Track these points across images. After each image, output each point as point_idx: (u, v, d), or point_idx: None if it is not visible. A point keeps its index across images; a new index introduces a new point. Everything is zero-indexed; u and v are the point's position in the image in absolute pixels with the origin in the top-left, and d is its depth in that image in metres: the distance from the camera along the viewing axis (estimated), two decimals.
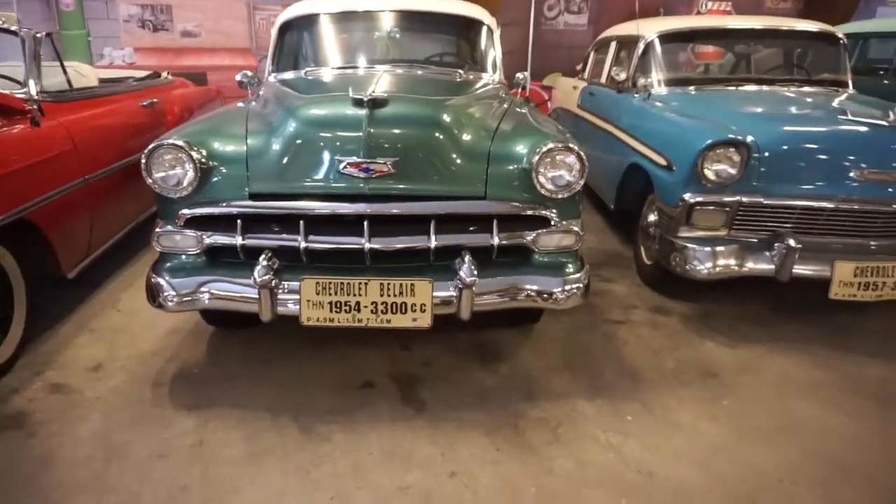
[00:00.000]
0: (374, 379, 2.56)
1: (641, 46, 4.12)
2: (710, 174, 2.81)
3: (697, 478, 2.04)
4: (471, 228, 2.36)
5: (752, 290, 3.28)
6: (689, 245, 2.93)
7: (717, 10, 8.37)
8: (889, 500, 1.97)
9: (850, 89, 3.94)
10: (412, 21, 3.86)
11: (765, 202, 2.82)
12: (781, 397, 2.50)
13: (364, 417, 2.31)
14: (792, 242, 2.74)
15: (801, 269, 2.80)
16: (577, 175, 2.34)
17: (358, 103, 2.29)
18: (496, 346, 2.83)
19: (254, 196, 2.31)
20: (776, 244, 2.80)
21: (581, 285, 2.45)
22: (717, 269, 2.89)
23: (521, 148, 2.37)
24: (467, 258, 2.25)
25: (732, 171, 2.80)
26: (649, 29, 4.19)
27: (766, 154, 2.83)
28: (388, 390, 2.49)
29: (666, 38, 4.09)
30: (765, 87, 3.86)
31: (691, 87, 3.89)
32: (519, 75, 3.90)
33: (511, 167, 2.35)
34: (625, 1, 8.03)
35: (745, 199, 2.84)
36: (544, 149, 2.29)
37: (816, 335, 3.00)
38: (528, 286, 2.37)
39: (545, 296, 2.38)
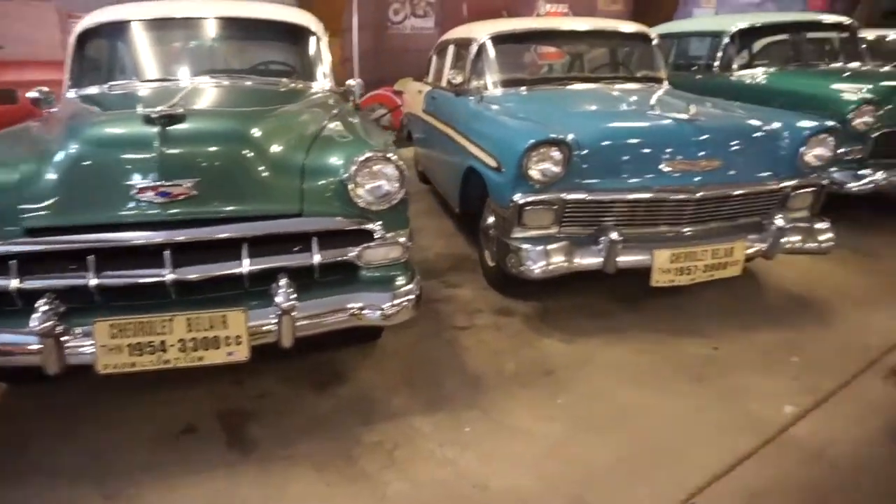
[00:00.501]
0: (197, 422, 2.34)
1: (475, 48, 4.16)
2: (535, 174, 2.85)
3: (532, 483, 2.03)
4: (292, 248, 2.22)
5: (589, 282, 3.39)
6: (523, 246, 2.97)
7: (554, 12, 8.81)
8: (706, 475, 2.07)
9: (665, 85, 4.22)
10: (233, 29, 3.64)
11: (588, 198, 2.92)
12: (612, 387, 2.58)
13: (182, 470, 2.09)
14: (614, 235, 2.85)
15: (625, 260, 2.92)
16: (396, 185, 2.27)
17: (148, 120, 2.07)
18: (335, 368, 2.70)
19: (31, 231, 2.02)
20: (601, 238, 2.91)
21: (412, 297, 2.39)
22: (550, 266, 2.94)
23: (336, 159, 2.26)
24: (283, 281, 2.12)
25: (556, 169, 2.86)
26: (482, 31, 4.24)
27: (586, 151, 2.92)
28: (214, 433, 2.28)
29: (498, 39, 4.15)
30: (591, 86, 4.04)
31: (523, 88, 3.98)
32: (350, 82, 3.78)
33: (327, 180, 2.23)
34: (469, 3, 8.23)
35: (569, 197, 2.91)
36: (360, 159, 2.20)
37: (643, 321, 3.15)
38: (353, 304, 2.27)
39: (373, 312, 2.29)
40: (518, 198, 2.92)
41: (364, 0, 7.72)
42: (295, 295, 2.09)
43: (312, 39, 3.67)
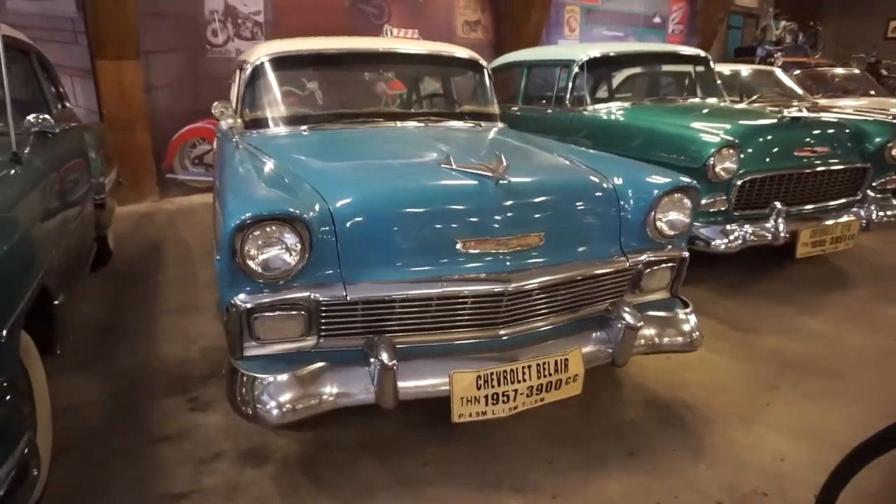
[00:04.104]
0: None
1: (247, 73, 3.11)
2: (255, 266, 1.82)
3: None
4: None
5: None
6: (258, 375, 1.91)
7: (403, 35, 7.99)
8: None
9: (497, 124, 3.36)
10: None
11: (350, 297, 1.91)
12: None
13: None
14: (385, 357, 1.87)
15: (410, 388, 1.94)
16: None
17: None
18: None
19: None
20: (371, 360, 1.92)
21: None
22: (297, 407, 1.90)
23: None
24: None
25: (290, 259, 1.84)
26: (261, 50, 3.21)
27: (346, 228, 1.93)
28: None
29: (277, 62, 3.12)
30: (396, 125, 3.09)
31: (304, 128, 2.96)
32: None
33: None
34: (305, 23, 7.19)
35: (322, 296, 1.91)
36: None
37: (450, 463, 2.18)
38: None
39: None
40: (241, 300, 1.87)
41: (173, 19, 6.48)
42: None
43: None
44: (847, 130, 3.96)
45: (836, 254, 4.09)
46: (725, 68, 7.63)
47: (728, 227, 3.51)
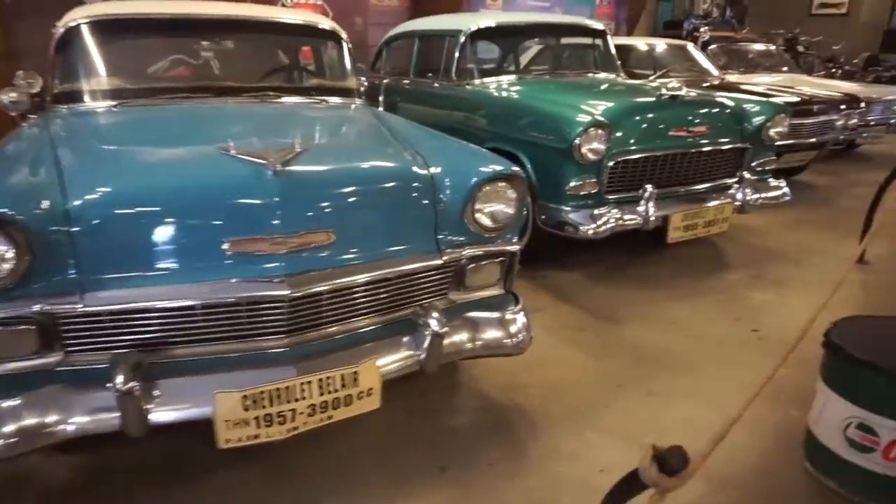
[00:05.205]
0: None
1: (57, 37, 2.72)
2: None
3: None
4: None
5: None
6: None
7: (305, 3, 7.52)
8: None
9: (356, 101, 3.07)
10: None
11: (87, 308, 1.63)
12: None
13: None
14: (120, 381, 1.60)
15: (164, 416, 1.69)
16: None
17: None
18: None
19: None
20: (108, 383, 1.65)
21: None
22: (25, 437, 1.61)
23: None
24: None
25: (3, 266, 1.55)
26: (75, 14, 2.80)
27: (87, 228, 1.64)
28: None
29: (92, 26, 2.72)
30: (229, 101, 2.75)
31: (114, 103, 2.60)
32: None
33: None
34: None
35: (55, 307, 1.62)
36: None
37: (222, 490, 1.96)
38: None
39: None
40: None
41: None
42: None
43: None
44: (728, 110, 3.85)
45: (717, 235, 4.02)
46: (641, 42, 7.55)
47: (597, 211, 3.35)
